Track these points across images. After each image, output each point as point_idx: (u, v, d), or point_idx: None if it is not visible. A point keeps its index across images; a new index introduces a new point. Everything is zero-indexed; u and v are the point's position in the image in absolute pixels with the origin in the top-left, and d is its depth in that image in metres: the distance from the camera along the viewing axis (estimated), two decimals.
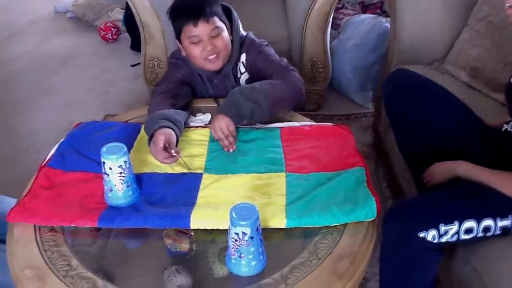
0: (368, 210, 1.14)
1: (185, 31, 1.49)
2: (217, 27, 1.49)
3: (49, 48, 3.27)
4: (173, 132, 1.33)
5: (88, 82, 2.86)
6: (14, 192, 1.46)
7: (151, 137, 1.33)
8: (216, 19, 1.49)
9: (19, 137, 2.41)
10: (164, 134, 1.30)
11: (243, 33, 1.63)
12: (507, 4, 1.14)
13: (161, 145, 1.28)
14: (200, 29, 1.47)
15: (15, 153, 2.29)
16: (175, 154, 1.28)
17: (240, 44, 1.58)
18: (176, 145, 1.34)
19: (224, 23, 1.53)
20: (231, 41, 1.56)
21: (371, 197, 1.16)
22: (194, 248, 1.14)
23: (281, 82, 1.47)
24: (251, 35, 1.64)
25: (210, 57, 1.51)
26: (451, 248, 1.26)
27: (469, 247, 1.23)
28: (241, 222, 0.96)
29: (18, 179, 2.06)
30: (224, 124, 1.36)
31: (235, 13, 1.61)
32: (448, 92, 1.44)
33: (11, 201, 1.50)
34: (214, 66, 1.55)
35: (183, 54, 1.57)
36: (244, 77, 1.62)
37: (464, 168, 1.27)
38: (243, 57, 1.60)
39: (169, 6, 1.55)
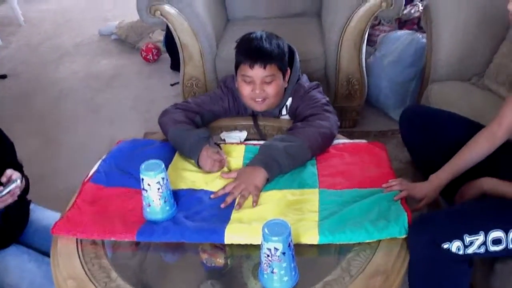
0: (401, 226, 1.13)
1: (241, 68, 1.53)
2: (271, 75, 1.51)
3: (96, 69, 3.43)
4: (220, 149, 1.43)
5: (130, 100, 2.98)
6: (59, 206, 1.54)
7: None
8: (274, 66, 1.50)
9: (66, 153, 2.52)
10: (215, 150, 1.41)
11: (300, 76, 1.64)
12: None
13: (210, 155, 1.37)
14: (254, 72, 1.50)
15: (61, 169, 2.39)
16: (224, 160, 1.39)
17: (291, 90, 1.60)
18: None
19: (284, 69, 1.54)
20: (285, 88, 1.58)
21: (403, 213, 1.16)
22: (229, 263, 1.16)
23: (317, 127, 1.42)
24: (304, 80, 1.65)
25: (257, 99, 1.54)
26: (490, 263, 1.23)
27: (509, 264, 1.19)
28: (273, 238, 0.97)
29: (63, 193, 2.16)
30: (252, 185, 1.29)
31: (297, 57, 1.62)
32: (461, 117, 1.45)
33: (55, 215, 1.58)
34: (258, 108, 1.58)
35: (236, 85, 1.60)
36: (284, 117, 1.65)
37: (490, 183, 1.26)
38: (288, 101, 1.62)
39: (241, 37, 1.59)
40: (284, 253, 0.99)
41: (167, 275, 1.26)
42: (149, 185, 1.17)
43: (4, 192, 1.31)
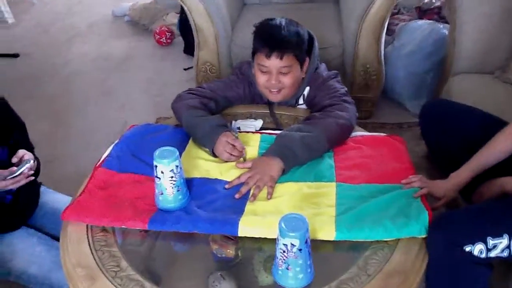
0: (422, 225, 1.09)
1: (258, 56, 1.48)
2: (288, 66, 1.46)
3: (107, 50, 3.38)
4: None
5: (142, 84, 2.94)
6: (69, 189, 1.52)
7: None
8: (291, 57, 1.45)
9: (77, 136, 2.50)
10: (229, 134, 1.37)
11: (318, 64, 1.59)
12: None
13: (231, 142, 1.34)
14: (271, 62, 1.45)
15: (71, 151, 2.37)
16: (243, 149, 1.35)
17: (309, 80, 1.56)
18: None
19: (301, 60, 1.49)
20: (303, 77, 1.53)
21: (424, 211, 1.12)
22: (239, 254, 1.14)
23: (336, 117, 1.38)
24: (322, 69, 1.59)
25: (273, 89, 1.50)
26: (509, 264, 1.20)
27: None
28: (291, 234, 0.94)
29: (73, 176, 2.14)
30: (268, 175, 1.25)
31: (316, 45, 1.56)
32: (483, 113, 1.39)
33: (65, 199, 1.56)
34: (273, 98, 1.54)
35: (253, 71, 1.55)
36: (301, 107, 1.61)
37: None
38: (306, 91, 1.57)
39: (258, 23, 1.53)
40: (300, 250, 0.96)
41: (176, 264, 1.25)
42: (162, 172, 1.14)
43: (17, 173, 1.30)
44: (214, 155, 1.38)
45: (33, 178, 1.37)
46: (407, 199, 1.17)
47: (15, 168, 1.31)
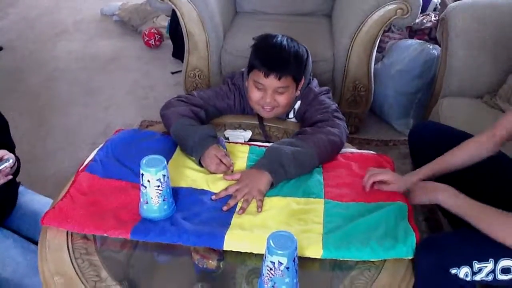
0: (409, 246, 1.09)
1: (255, 72, 1.46)
2: (285, 86, 1.45)
3: (94, 49, 3.33)
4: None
5: (128, 85, 2.89)
6: (48, 190, 1.48)
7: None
8: (289, 78, 1.44)
9: (58, 135, 2.44)
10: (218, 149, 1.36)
11: (311, 80, 1.59)
12: None
13: (220, 157, 1.33)
14: (268, 81, 1.43)
15: (52, 151, 2.32)
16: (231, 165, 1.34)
17: (300, 94, 1.55)
18: None
19: (299, 79, 1.48)
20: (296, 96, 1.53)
21: (411, 233, 1.12)
22: (221, 266, 1.11)
23: (327, 133, 1.38)
24: (314, 85, 1.59)
25: (266, 107, 1.49)
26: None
27: None
28: (279, 252, 0.92)
29: (53, 177, 2.11)
30: (256, 189, 1.24)
31: (310, 62, 1.56)
32: (468, 135, 1.38)
33: (45, 200, 1.52)
34: (265, 114, 1.53)
35: (246, 84, 1.54)
36: (291, 120, 1.60)
37: (445, 195, 1.18)
38: (297, 105, 1.57)
39: (258, 37, 1.52)
40: (288, 268, 0.94)
41: (156, 274, 1.22)
42: (148, 181, 1.11)
43: None
44: (201, 165, 1.36)
45: (11, 177, 1.32)
46: (394, 219, 1.17)
47: None
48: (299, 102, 1.57)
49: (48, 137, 2.42)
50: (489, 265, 1.07)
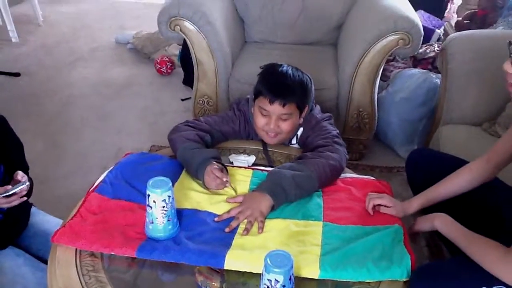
0: (404, 268, 1.12)
1: (260, 99, 1.52)
2: (289, 113, 1.51)
3: (108, 76, 3.45)
4: (225, 169, 1.43)
5: (139, 111, 2.98)
6: (59, 211, 1.53)
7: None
8: (293, 105, 1.50)
9: (70, 158, 2.52)
10: (218, 167, 1.40)
11: (313, 106, 1.65)
12: None
13: (213, 171, 1.37)
14: (273, 108, 1.50)
15: (64, 174, 2.39)
16: (226, 180, 1.38)
17: (303, 121, 1.60)
18: None
19: (303, 107, 1.54)
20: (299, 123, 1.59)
21: (406, 255, 1.15)
22: (224, 287, 1.15)
23: (327, 158, 1.42)
24: (316, 111, 1.65)
25: (270, 133, 1.55)
26: None
27: None
28: (275, 270, 0.96)
29: (64, 199, 2.16)
30: (258, 211, 1.28)
31: (313, 89, 1.61)
32: (464, 162, 1.41)
33: (55, 221, 1.57)
34: (269, 140, 1.59)
35: (251, 110, 1.60)
36: (294, 146, 1.66)
37: (440, 221, 1.24)
38: (299, 131, 1.63)
39: (264, 65, 1.59)
40: (284, 286, 0.98)
41: None
42: (154, 202, 1.17)
43: (11, 192, 1.31)
44: (206, 187, 1.41)
45: (25, 198, 1.38)
46: (391, 242, 1.20)
47: (9, 186, 1.33)
48: (301, 129, 1.62)
49: (60, 160, 2.50)
50: None
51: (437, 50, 2.66)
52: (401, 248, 1.18)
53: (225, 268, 1.13)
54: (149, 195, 1.17)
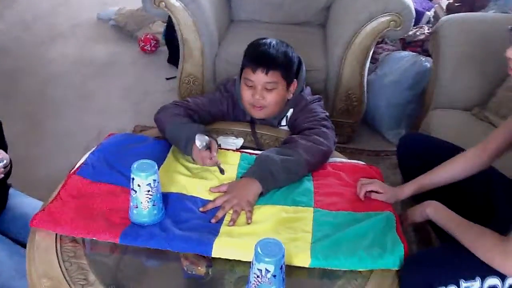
0: (396, 257, 1.10)
1: (245, 71, 1.50)
2: (274, 82, 1.47)
3: (89, 54, 3.33)
4: (214, 141, 1.40)
5: (122, 91, 2.90)
6: (39, 193, 1.47)
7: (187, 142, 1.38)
8: (277, 74, 1.46)
9: (51, 139, 2.44)
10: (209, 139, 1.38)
11: (304, 87, 1.61)
12: None
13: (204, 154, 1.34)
14: (256, 77, 1.47)
15: (44, 154, 2.31)
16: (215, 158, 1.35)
17: (293, 102, 1.57)
18: None
19: (288, 79, 1.50)
20: (288, 100, 1.55)
21: (399, 243, 1.13)
22: (210, 273, 1.12)
23: (314, 141, 1.39)
24: (307, 93, 1.61)
25: (256, 106, 1.51)
26: None
27: None
28: (266, 259, 0.92)
29: (44, 180, 2.10)
30: (245, 200, 1.23)
31: (304, 69, 1.59)
32: (459, 149, 1.40)
33: (34, 203, 1.51)
34: (256, 114, 1.55)
35: (237, 89, 1.56)
36: (283, 128, 1.62)
37: (432, 209, 1.23)
38: (289, 112, 1.59)
39: (252, 41, 1.56)
40: (275, 276, 0.94)
41: (144, 279, 1.21)
42: (139, 186, 1.12)
43: None
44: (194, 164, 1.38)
45: (2, 176, 1.32)
46: (382, 229, 1.18)
47: None
48: (291, 110, 1.58)
49: (41, 140, 2.42)
50: (476, 284, 1.07)
51: (427, 32, 2.63)
52: (393, 236, 1.15)
53: (213, 255, 1.10)
54: (133, 179, 1.12)
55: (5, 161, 1.30)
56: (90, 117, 2.61)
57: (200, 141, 1.35)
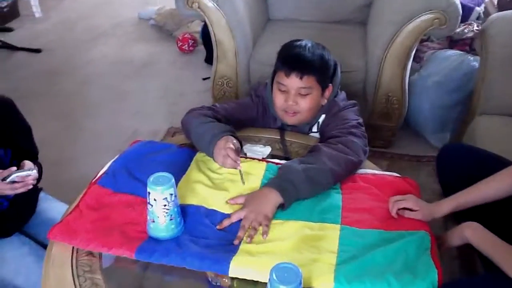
0: (429, 284, 1.00)
1: (278, 75, 1.44)
2: (308, 87, 1.40)
3: (129, 54, 3.36)
4: (238, 144, 1.34)
5: (159, 91, 2.89)
6: (71, 194, 1.47)
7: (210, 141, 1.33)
8: (312, 78, 1.39)
9: (85, 139, 2.46)
10: (233, 140, 1.32)
11: (338, 92, 1.53)
12: None
13: (231, 146, 1.28)
14: (290, 81, 1.40)
15: (78, 155, 2.34)
16: (238, 162, 1.29)
17: (326, 107, 1.49)
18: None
19: (323, 84, 1.43)
20: (322, 105, 1.47)
21: (433, 268, 1.03)
22: (235, 285, 1.07)
23: (340, 151, 1.30)
24: (341, 98, 1.52)
25: (289, 111, 1.44)
26: None
27: None
28: (281, 286, 0.86)
29: (77, 182, 2.09)
30: (262, 214, 1.15)
31: (339, 73, 1.50)
32: (505, 162, 1.27)
33: (63, 209, 1.51)
34: (288, 120, 1.48)
35: (272, 93, 1.49)
36: (314, 135, 1.54)
37: (471, 231, 1.11)
38: (321, 118, 1.51)
39: (286, 43, 1.50)
40: None
41: None
42: (155, 200, 1.08)
43: (14, 175, 1.27)
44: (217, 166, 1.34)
45: (31, 187, 1.33)
46: (415, 251, 1.08)
47: (14, 168, 1.28)
48: (323, 116, 1.50)
49: (76, 141, 2.45)
50: None
51: (476, 30, 2.46)
52: (427, 259, 1.05)
53: (230, 275, 1.04)
54: (149, 193, 1.08)
55: (33, 174, 1.31)
56: (125, 118, 2.62)
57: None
